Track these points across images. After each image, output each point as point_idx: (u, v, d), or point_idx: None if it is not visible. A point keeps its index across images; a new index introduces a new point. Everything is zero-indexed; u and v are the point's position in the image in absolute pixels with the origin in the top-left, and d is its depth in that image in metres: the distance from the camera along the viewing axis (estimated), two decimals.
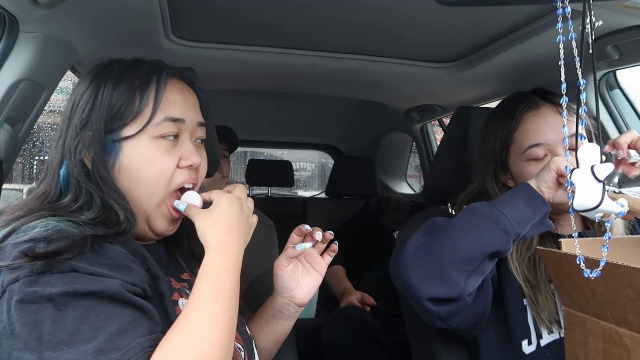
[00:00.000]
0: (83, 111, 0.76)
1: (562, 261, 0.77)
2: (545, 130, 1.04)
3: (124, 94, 0.76)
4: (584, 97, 0.73)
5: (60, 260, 0.60)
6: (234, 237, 0.73)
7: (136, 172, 0.76)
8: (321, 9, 1.23)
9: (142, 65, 0.81)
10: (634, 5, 0.97)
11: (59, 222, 0.66)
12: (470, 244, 0.88)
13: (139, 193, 0.77)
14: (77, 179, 0.74)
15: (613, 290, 0.69)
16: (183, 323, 0.63)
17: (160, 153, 0.77)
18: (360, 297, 2.01)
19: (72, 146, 0.75)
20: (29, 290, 0.58)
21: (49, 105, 1.29)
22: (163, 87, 0.78)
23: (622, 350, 0.69)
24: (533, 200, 0.90)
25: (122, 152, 0.76)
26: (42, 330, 0.57)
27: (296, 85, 1.99)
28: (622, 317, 0.69)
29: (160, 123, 0.76)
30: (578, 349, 0.78)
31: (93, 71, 0.80)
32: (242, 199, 0.78)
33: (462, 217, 0.91)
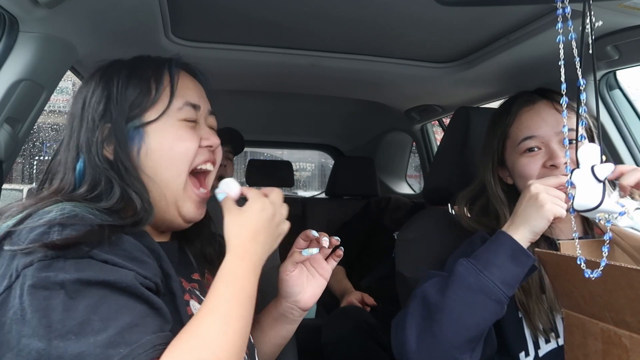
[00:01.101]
0: (98, 105, 0.77)
1: (560, 263, 0.77)
2: (539, 123, 1.05)
3: (139, 85, 0.79)
4: (584, 97, 0.73)
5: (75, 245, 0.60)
6: (257, 244, 0.74)
7: (165, 151, 0.78)
8: (321, 9, 1.23)
9: (148, 58, 0.85)
10: (634, 6, 0.97)
11: (75, 207, 0.66)
12: (468, 325, 0.88)
13: (166, 175, 0.78)
14: (98, 168, 0.75)
15: (611, 291, 0.69)
16: (198, 324, 0.63)
17: (188, 132, 0.80)
18: (361, 297, 2.01)
19: (90, 139, 0.76)
20: (42, 276, 0.58)
21: (49, 105, 1.29)
22: (176, 75, 0.82)
23: (621, 351, 0.69)
24: (518, 257, 0.88)
25: (147, 135, 0.77)
26: (52, 317, 0.56)
27: (296, 85, 1.99)
28: (620, 318, 0.69)
29: (181, 107, 0.80)
30: (577, 351, 0.78)
31: (99, 70, 0.82)
32: (277, 205, 0.79)
33: (453, 293, 0.89)
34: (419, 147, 2.81)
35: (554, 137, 1.03)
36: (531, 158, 1.05)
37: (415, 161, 3.31)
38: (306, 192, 5.06)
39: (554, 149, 1.02)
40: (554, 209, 0.87)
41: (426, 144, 2.72)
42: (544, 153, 1.04)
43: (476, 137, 1.36)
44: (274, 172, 3.10)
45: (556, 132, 1.03)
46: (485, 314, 0.88)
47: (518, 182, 1.10)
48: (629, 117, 1.44)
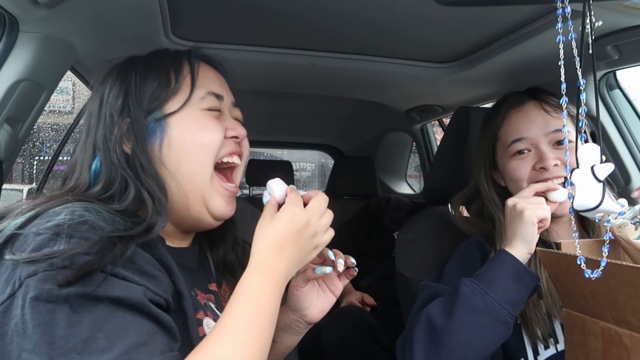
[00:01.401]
0: (116, 100, 0.75)
1: (561, 262, 0.77)
2: (527, 125, 1.05)
3: (157, 75, 0.77)
4: (584, 97, 0.73)
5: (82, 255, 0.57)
6: (282, 257, 0.68)
7: (189, 142, 0.75)
8: (321, 9, 1.23)
9: (165, 50, 0.83)
10: (634, 6, 0.97)
11: (85, 210, 0.62)
12: (476, 348, 0.87)
13: (191, 167, 0.75)
14: (114, 166, 0.72)
15: (612, 289, 0.69)
16: (210, 344, 0.59)
17: (212, 121, 0.77)
18: (361, 297, 2.01)
19: (107, 134, 0.74)
20: (46, 288, 0.54)
21: (49, 105, 1.29)
22: (196, 64, 0.79)
23: (621, 350, 0.69)
24: (522, 277, 0.89)
25: (169, 127, 0.75)
26: (55, 333, 0.53)
27: (296, 85, 1.99)
28: (621, 317, 0.69)
29: (204, 97, 0.77)
30: (578, 350, 0.78)
31: (115, 68, 0.80)
32: (314, 213, 0.71)
33: (460, 316, 0.88)
34: (419, 147, 2.81)
35: (543, 138, 1.03)
36: (521, 161, 1.05)
37: (415, 161, 3.30)
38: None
39: (543, 151, 1.02)
40: (534, 211, 0.89)
41: (426, 144, 2.72)
42: (533, 155, 1.04)
43: (476, 137, 1.35)
44: (274, 172, 3.09)
45: (545, 132, 1.02)
46: (493, 337, 0.87)
47: (509, 186, 1.10)
48: (629, 117, 1.44)
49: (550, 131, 1.01)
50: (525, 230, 0.90)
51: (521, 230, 0.90)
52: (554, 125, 1.01)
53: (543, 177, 1.01)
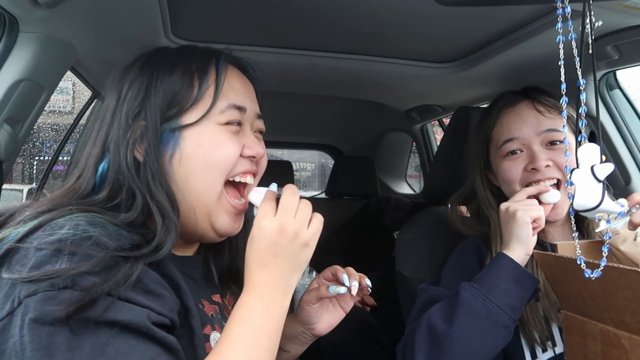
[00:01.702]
0: (135, 100, 0.70)
1: (559, 264, 0.77)
2: (519, 125, 1.04)
3: (181, 79, 0.71)
4: (584, 97, 0.73)
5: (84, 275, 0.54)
6: (269, 272, 0.65)
7: (200, 158, 0.70)
8: (321, 9, 1.22)
9: (195, 49, 0.77)
10: (634, 5, 0.97)
11: (90, 223, 0.59)
12: (478, 353, 0.86)
13: (200, 184, 0.70)
14: (122, 175, 0.67)
15: (610, 292, 0.69)
16: None
17: (227, 137, 0.72)
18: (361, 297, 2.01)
19: (120, 138, 0.69)
20: (46, 310, 0.52)
21: (49, 105, 1.29)
22: (223, 72, 0.74)
23: (620, 352, 0.69)
24: (522, 280, 0.88)
25: (183, 140, 0.70)
26: (55, 357, 0.51)
27: (296, 85, 1.99)
28: (620, 318, 0.69)
29: (224, 110, 0.72)
30: (577, 352, 0.78)
31: (140, 59, 0.75)
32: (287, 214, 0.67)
33: (461, 321, 0.87)
34: (419, 147, 2.81)
35: (535, 138, 1.02)
36: (513, 162, 1.04)
37: (415, 161, 3.30)
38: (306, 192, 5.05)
39: (535, 151, 1.01)
40: (527, 212, 0.90)
41: (426, 144, 2.72)
42: (525, 156, 1.03)
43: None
44: (274, 172, 3.10)
45: (537, 132, 1.01)
46: (495, 341, 0.87)
47: (503, 187, 1.10)
48: (629, 117, 1.44)
49: (542, 131, 1.00)
50: (520, 231, 0.90)
51: (516, 232, 0.90)
52: (547, 125, 1.00)
53: (535, 179, 1.00)
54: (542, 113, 1.01)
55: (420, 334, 0.91)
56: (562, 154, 0.95)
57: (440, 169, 1.50)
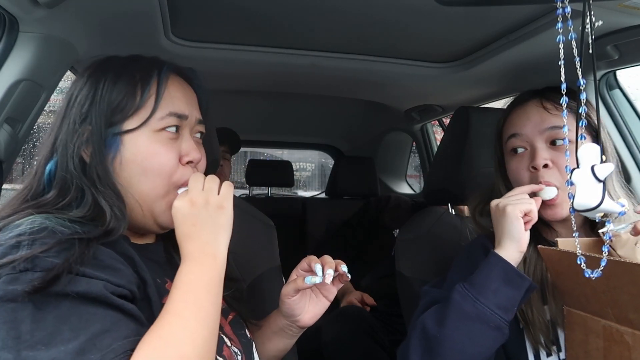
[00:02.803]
0: (82, 106, 0.75)
1: (562, 260, 0.77)
2: (524, 122, 1.02)
3: (125, 88, 0.76)
4: (584, 97, 0.73)
5: (43, 257, 0.59)
6: (194, 240, 0.71)
7: (138, 164, 0.75)
8: (321, 9, 1.23)
9: (140, 60, 0.81)
10: (634, 5, 0.97)
11: (45, 219, 0.65)
12: (470, 356, 0.86)
13: (142, 186, 0.75)
14: (70, 175, 0.73)
15: (614, 287, 0.69)
16: (159, 325, 0.62)
17: (162, 145, 0.76)
18: (361, 297, 2.01)
19: (67, 141, 0.74)
20: (9, 289, 0.57)
21: (49, 105, 1.29)
22: (164, 82, 0.78)
23: (622, 348, 0.69)
24: (513, 279, 0.87)
25: (123, 145, 0.75)
26: (20, 329, 0.56)
27: (296, 85, 1.99)
28: (623, 314, 0.69)
29: (164, 117, 0.76)
30: (578, 348, 0.78)
31: (90, 68, 0.80)
32: (193, 189, 0.74)
33: (451, 323, 0.87)
34: (419, 147, 2.81)
35: (538, 136, 0.99)
36: (518, 162, 1.02)
37: (415, 161, 3.30)
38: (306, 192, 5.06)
39: (535, 149, 0.98)
40: (517, 206, 0.88)
41: (426, 144, 2.72)
42: (529, 154, 1.01)
43: (476, 137, 1.36)
44: (274, 172, 3.10)
45: (540, 130, 0.99)
46: (487, 342, 0.86)
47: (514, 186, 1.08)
48: (629, 117, 1.44)
49: (545, 128, 0.98)
50: (510, 226, 0.88)
51: (507, 228, 0.89)
52: (551, 122, 0.97)
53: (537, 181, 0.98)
54: (548, 110, 0.99)
55: (414, 337, 0.91)
56: (564, 155, 0.90)
57: (440, 169, 1.50)
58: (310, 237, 2.69)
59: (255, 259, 1.24)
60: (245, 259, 0.76)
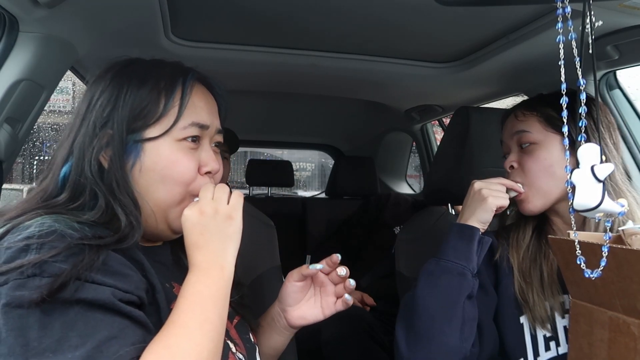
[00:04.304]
0: (104, 109, 0.74)
1: (573, 250, 0.77)
2: (504, 131, 1.11)
3: (149, 94, 0.75)
4: (584, 97, 0.73)
5: (51, 263, 0.58)
6: (202, 249, 0.71)
7: (158, 172, 0.74)
8: (321, 9, 1.23)
9: (165, 66, 0.81)
10: (634, 5, 0.97)
11: (55, 221, 0.64)
12: (441, 303, 0.94)
13: (159, 193, 0.75)
14: (85, 179, 0.72)
15: (625, 277, 0.68)
16: (166, 335, 0.62)
17: (184, 155, 0.76)
18: (360, 297, 2.01)
19: (85, 144, 0.73)
20: (17, 294, 0.56)
21: (49, 105, 1.29)
22: (189, 91, 0.78)
23: (628, 339, 0.69)
24: (463, 231, 0.99)
25: (144, 152, 0.74)
26: (28, 336, 0.55)
27: (296, 85, 1.99)
28: (631, 305, 0.69)
29: (186, 127, 0.76)
30: (582, 340, 0.78)
31: (112, 69, 0.78)
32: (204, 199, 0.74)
33: (421, 284, 0.98)
34: (419, 147, 2.81)
35: (510, 141, 1.07)
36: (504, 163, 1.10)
37: (415, 161, 3.31)
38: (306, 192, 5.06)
39: (510, 153, 1.07)
40: (496, 201, 0.98)
41: (426, 144, 2.72)
42: None
43: (476, 137, 1.36)
44: (274, 172, 3.10)
45: (510, 135, 1.07)
46: (453, 290, 0.95)
47: None
48: (629, 117, 1.44)
49: (514, 132, 1.06)
50: (484, 215, 0.99)
51: (480, 214, 0.99)
52: (517, 127, 1.05)
53: None
54: (517, 117, 1.07)
55: (399, 313, 1.01)
56: (530, 158, 1.01)
57: (440, 169, 1.50)
58: (310, 237, 2.69)
59: (256, 259, 1.24)
60: (245, 259, 0.76)
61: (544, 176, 0.99)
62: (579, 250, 0.75)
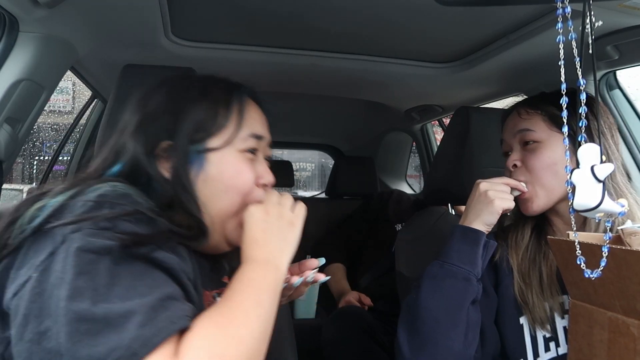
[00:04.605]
0: (164, 122, 0.76)
1: (572, 251, 0.77)
2: (505, 129, 1.09)
3: (209, 107, 0.78)
4: (584, 97, 0.73)
5: (123, 221, 0.60)
6: (260, 247, 0.73)
7: (224, 182, 0.76)
8: (321, 9, 1.23)
9: (219, 80, 0.84)
10: (634, 5, 0.97)
11: (127, 187, 0.65)
12: (445, 309, 0.92)
13: (222, 203, 0.76)
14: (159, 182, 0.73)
15: (624, 277, 0.68)
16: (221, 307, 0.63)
17: (246, 165, 0.78)
18: (358, 297, 2.02)
19: (147, 154, 0.74)
20: (90, 240, 0.57)
21: (49, 105, 1.29)
22: (245, 104, 0.81)
23: (627, 340, 0.69)
24: (467, 235, 0.97)
25: (208, 162, 0.76)
26: (97, 281, 0.55)
27: (296, 85, 1.99)
28: (630, 306, 0.69)
29: (246, 138, 0.79)
30: (582, 340, 0.78)
31: (165, 85, 0.81)
32: (269, 202, 0.77)
33: (425, 287, 0.96)
34: (419, 147, 2.81)
35: (513, 139, 1.05)
36: (505, 163, 1.08)
37: (415, 161, 3.31)
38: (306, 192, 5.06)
39: (512, 151, 1.05)
40: (502, 203, 0.96)
41: (426, 144, 2.72)
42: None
43: (476, 137, 1.36)
44: (274, 172, 3.09)
45: (513, 133, 1.05)
46: (457, 294, 0.93)
47: None
48: (629, 117, 1.44)
49: (517, 131, 1.04)
50: (489, 217, 0.97)
51: (486, 217, 0.97)
52: (521, 126, 1.03)
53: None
54: (520, 115, 1.05)
55: (401, 315, 0.99)
56: (534, 156, 0.99)
57: (440, 169, 1.50)
58: (310, 237, 2.68)
59: None
60: None
61: (548, 174, 0.97)
62: (579, 251, 0.75)
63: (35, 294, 0.55)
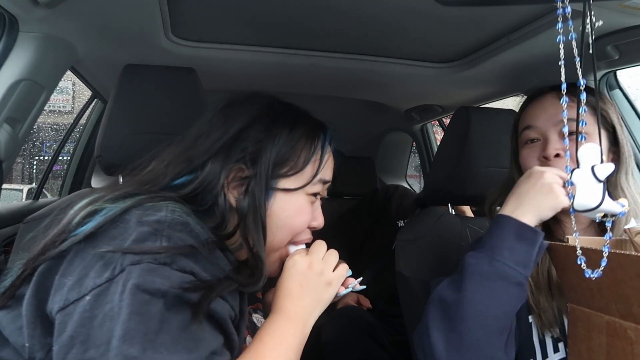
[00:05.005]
0: (248, 146, 0.73)
1: (569, 255, 0.77)
2: (539, 114, 1.01)
3: (295, 145, 0.76)
4: (584, 97, 0.73)
5: (181, 257, 0.58)
6: (294, 300, 0.73)
7: (282, 219, 0.76)
8: (321, 10, 1.23)
9: (306, 115, 0.83)
10: (634, 5, 0.97)
11: (185, 212, 0.64)
12: (494, 315, 0.82)
13: (272, 237, 0.76)
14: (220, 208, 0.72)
15: (619, 281, 0.68)
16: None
17: (308, 208, 0.79)
18: (357, 298, 2.02)
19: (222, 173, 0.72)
20: (148, 279, 0.55)
21: (49, 105, 1.29)
22: (327, 149, 0.81)
23: (625, 344, 0.69)
24: (525, 234, 0.84)
25: (274, 199, 0.75)
26: (148, 326, 0.54)
27: (296, 85, 1.99)
28: (627, 309, 0.69)
29: (316, 183, 0.78)
30: (581, 344, 0.78)
31: (255, 105, 0.79)
32: (315, 255, 0.77)
33: (471, 285, 0.83)
34: (419, 147, 2.81)
35: (552, 128, 0.98)
36: (530, 150, 1.01)
37: (415, 161, 3.30)
38: None
39: (548, 140, 0.97)
40: (565, 201, 0.83)
41: (426, 144, 2.72)
42: (541, 144, 1.00)
43: (476, 137, 1.36)
44: None
45: (554, 122, 0.97)
46: (509, 300, 0.83)
47: None
48: (629, 117, 1.44)
49: (560, 120, 0.91)
50: (548, 213, 0.85)
51: (543, 211, 0.85)
52: (568, 114, 0.91)
53: None
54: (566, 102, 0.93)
55: (432, 312, 0.87)
56: (575, 146, 0.87)
57: (440, 169, 1.50)
58: None
59: None
60: None
61: None
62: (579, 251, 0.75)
63: (86, 318, 0.54)
